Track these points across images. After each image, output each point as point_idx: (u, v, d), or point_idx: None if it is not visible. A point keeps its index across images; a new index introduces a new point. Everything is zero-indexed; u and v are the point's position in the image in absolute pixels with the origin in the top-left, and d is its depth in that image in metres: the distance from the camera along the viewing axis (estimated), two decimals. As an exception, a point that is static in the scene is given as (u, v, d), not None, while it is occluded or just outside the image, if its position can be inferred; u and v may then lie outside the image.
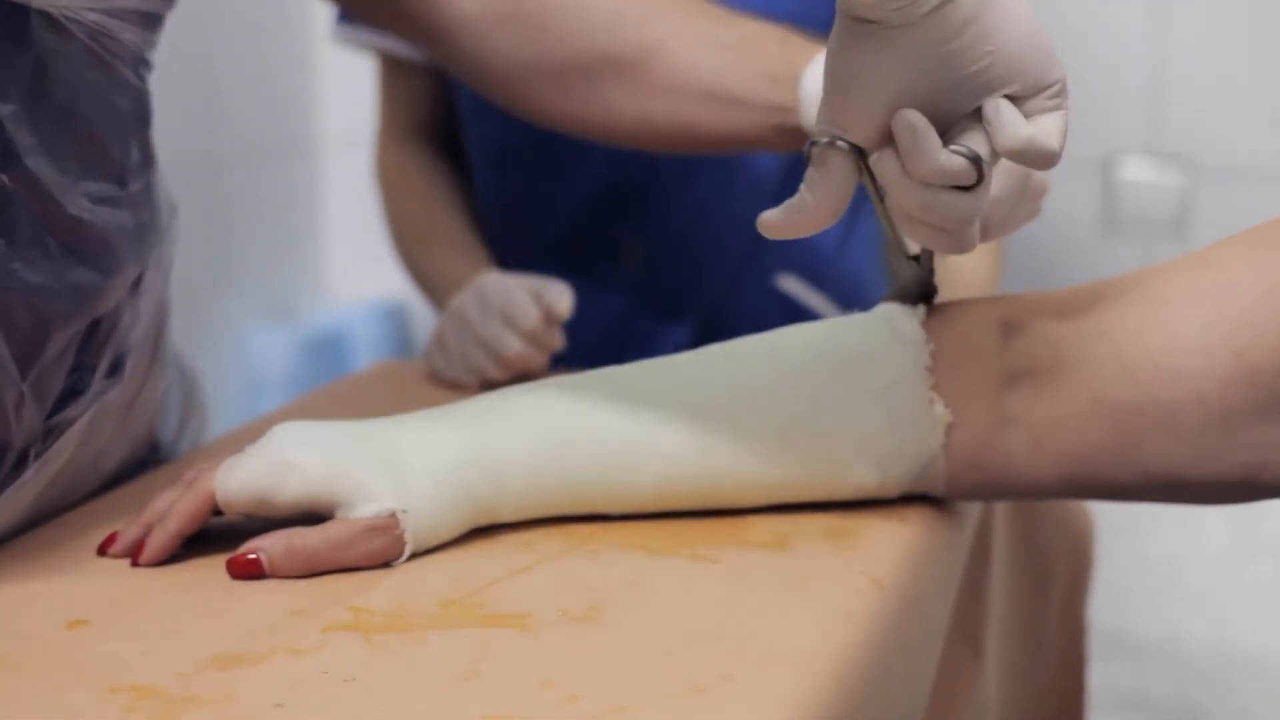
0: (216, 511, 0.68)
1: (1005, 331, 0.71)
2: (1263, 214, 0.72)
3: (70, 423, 0.74)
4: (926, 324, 0.72)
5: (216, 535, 0.69)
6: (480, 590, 0.64)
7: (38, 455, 0.72)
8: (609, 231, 1.28)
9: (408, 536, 0.67)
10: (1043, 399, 0.70)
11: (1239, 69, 1.94)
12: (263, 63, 2.00)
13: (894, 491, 0.73)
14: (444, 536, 0.69)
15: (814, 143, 0.68)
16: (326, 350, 2.03)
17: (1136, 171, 1.93)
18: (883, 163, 0.67)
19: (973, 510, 0.82)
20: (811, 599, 0.63)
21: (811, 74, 0.87)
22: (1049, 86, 0.67)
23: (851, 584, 0.64)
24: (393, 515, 0.66)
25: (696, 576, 0.65)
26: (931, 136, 0.65)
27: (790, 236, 0.69)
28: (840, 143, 0.67)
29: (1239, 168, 1.92)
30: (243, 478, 0.67)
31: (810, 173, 0.69)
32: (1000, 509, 0.93)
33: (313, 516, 0.67)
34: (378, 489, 0.66)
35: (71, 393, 0.74)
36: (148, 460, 0.86)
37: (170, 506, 0.68)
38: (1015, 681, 0.99)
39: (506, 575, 0.66)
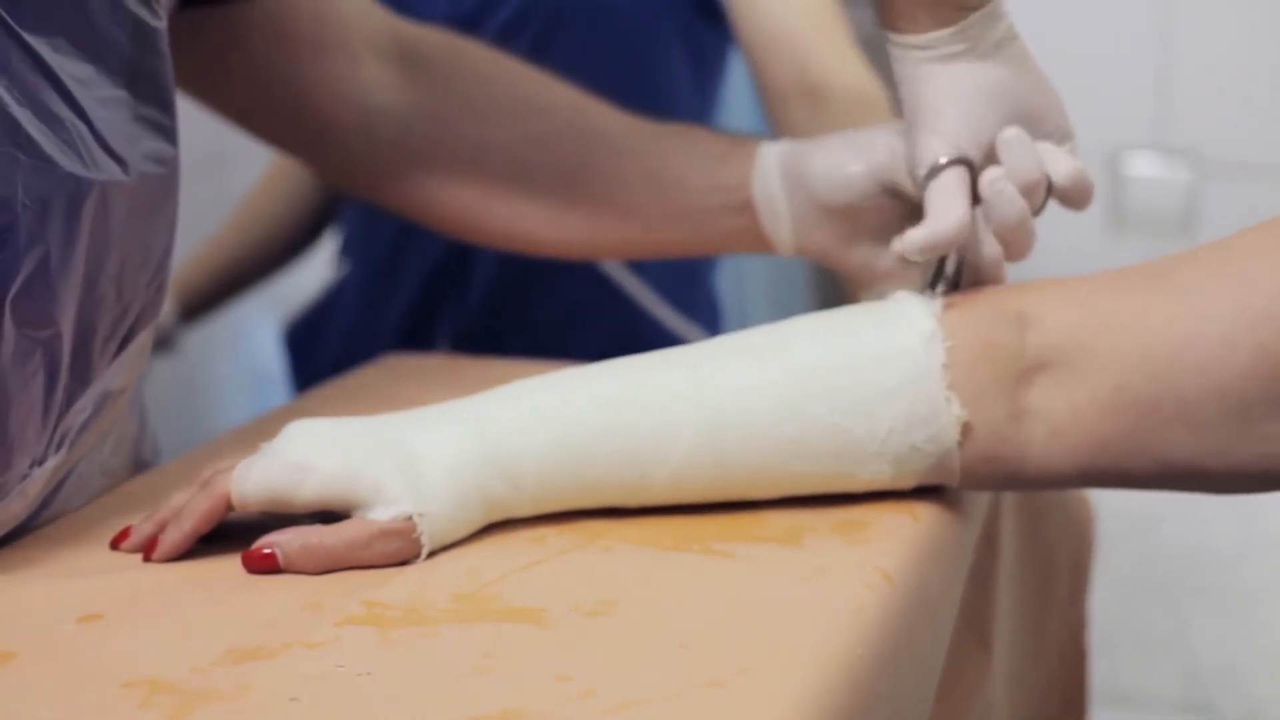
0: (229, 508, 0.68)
1: (1024, 323, 0.71)
2: (1270, 209, 0.72)
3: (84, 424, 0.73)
4: (943, 317, 0.72)
5: (230, 530, 0.69)
6: (493, 585, 0.64)
7: (58, 446, 0.72)
8: None
9: (424, 540, 0.67)
10: (1063, 391, 0.69)
11: (1246, 64, 1.94)
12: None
13: (908, 485, 0.73)
14: (460, 535, 0.69)
15: (939, 163, 0.75)
16: (332, 345, 2.02)
17: (1143, 167, 1.93)
18: (990, 176, 0.75)
19: (981, 505, 0.82)
20: (823, 593, 0.63)
21: (768, 149, 0.87)
22: (1070, 138, 0.78)
23: (863, 578, 0.65)
24: (410, 519, 0.66)
25: (709, 571, 0.66)
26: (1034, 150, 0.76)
27: (934, 255, 0.76)
28: (961, 160, 0.75)
29: (1246, 163, 1.92)
30: (259, 481, 0.67)
31: (934, 193, 0.75)
32: (1007, 504, 0.93)
33: (328, 513, 0.68)
34: (395, 492, 0.66)
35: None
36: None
37: (185, 505, 0.68)
38: (1021, 676, 0.99)
39: (519, 570, 0.66)
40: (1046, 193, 0.76)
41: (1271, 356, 0.65)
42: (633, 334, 1.36)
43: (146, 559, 0.68)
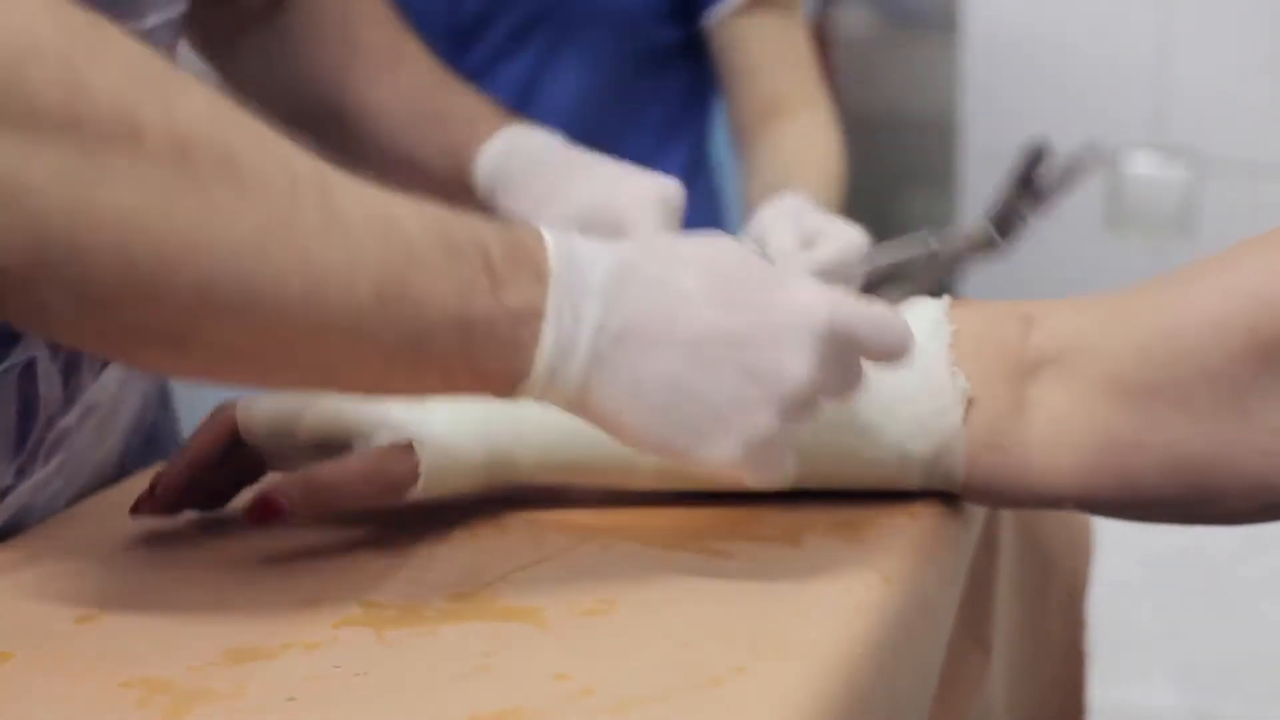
0: (238, 444, 0.69)
1: (1030, 323, 0.71)
2: (1268, 207, 0.73)
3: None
4: (950, 312, 0.71)
5: (229, 531, 0.69)
6: (491, 584, 0.64)
7: (46, 458, 0.72)
8: None
9: (422, 468, 0.67)
10: (1062, 384, 0.69)
11: (1244, 63, 1.94)
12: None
13: (913, 475, 0.72)
14: (460, 479, 0.69)
15: None
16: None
17: (1142, 165, 1.94)
18: None
19: (980, 506, 0.82)
20: (822, 593, 0.63)
21: (488, 151, 0.96)
22: None
23: (861, 578, 0.65)
24: (410, 444, 0.66)
25: (708, 571, 0.65)
26: None
27: None
28: None
29: (1244, 161, 1.92)
30: (264, 408, 0.68)
31: None
32: (1008, 504, 0.92)
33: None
34: (396, 419, 0.66)
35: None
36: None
37: (191, 436, 0.70)
38: (1020, 679, 0.99)
39: (517, 569, 0.66)
40: None
41: (1262, 340, 0.65)
42: None
43: (150, 495, 0.68)
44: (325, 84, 0.98)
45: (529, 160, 0.96)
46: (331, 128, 0.98)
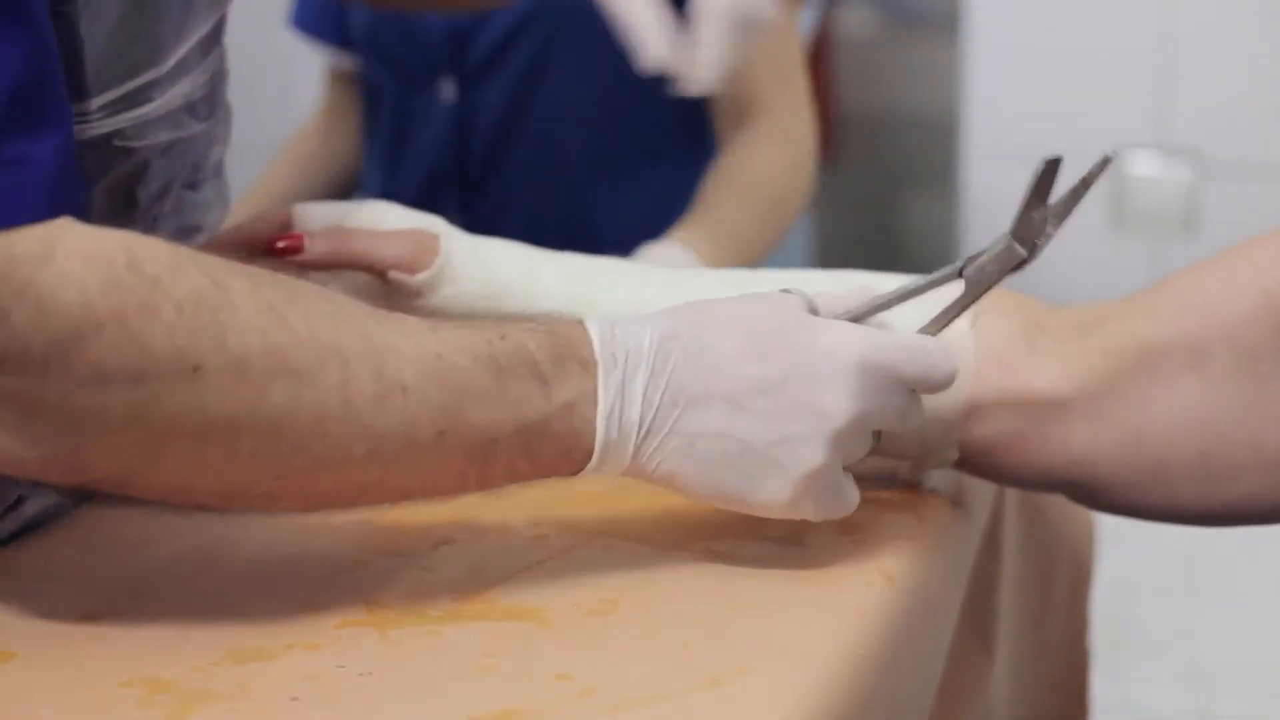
0: (285, 251, 0.73)
1: (1052, 308, 0.72)
2: (1271, 208, 0.73)
3: None
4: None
5: (231, 532, 0.69)
6: (494, 585, 0.64)
7: None
8: (435, 210, 1.38)
9: (440, 255, 0.73)
10: (1073, 340, 0.70)
11: (1247, 63, 1.94)
12: (277, 60, 2.00)
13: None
14: (474, 285, 0.74)
15: None
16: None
17: (1145, 166, 1.94)
18: None
19: (984, 505, 0.82)
20: (824, 593, 0.63)
21: None
22: None
23: (864, 578, 0.65)
24: (436, 237, 0.74)
25: (710, 570, 0.66)
26: None
27: None
28: None
29: (1247, 162, 1.92)
30: (321, 205, 0.75)
31: None
32: (1010, 507, 0.93)
33: None
34: (439, 224, 0.75)
35: None
36: None
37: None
38: (1022, 677, 0.99)
39: (520, 570, 0.66)
40: None
41: (1275, 301, 0.66)
42: None
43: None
44: None
45: None
46: None
